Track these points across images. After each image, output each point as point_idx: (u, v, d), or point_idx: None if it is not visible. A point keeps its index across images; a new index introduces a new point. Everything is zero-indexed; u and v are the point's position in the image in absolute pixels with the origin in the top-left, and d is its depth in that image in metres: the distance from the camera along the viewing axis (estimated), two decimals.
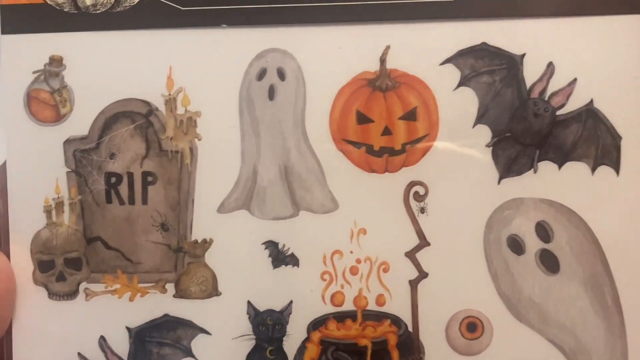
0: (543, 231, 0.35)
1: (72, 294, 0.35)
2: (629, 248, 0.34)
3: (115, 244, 0.35)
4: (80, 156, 0.35)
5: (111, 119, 0.35)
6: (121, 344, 0.35)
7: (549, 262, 0.35)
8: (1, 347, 0.35)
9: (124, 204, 0.35)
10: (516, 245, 0.35)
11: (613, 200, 0.34)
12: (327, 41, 0.35)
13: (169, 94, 0.35)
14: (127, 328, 0.35)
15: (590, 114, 0.35)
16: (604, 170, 0.35)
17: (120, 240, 0.35)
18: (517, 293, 0.35)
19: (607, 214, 0.34)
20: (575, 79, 0.34)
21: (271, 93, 0.35)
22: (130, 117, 0.35)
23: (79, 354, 0.35)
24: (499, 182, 0.35)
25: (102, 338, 0.35)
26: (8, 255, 0.35)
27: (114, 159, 0.35)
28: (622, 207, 0.34)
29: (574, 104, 0.35)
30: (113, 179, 0.35)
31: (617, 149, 0.35)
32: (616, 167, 0.35)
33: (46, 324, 0.35)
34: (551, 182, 0.35)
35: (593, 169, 0.35)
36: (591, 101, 0.34)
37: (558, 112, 0.35)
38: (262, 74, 0.35)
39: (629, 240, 0.34)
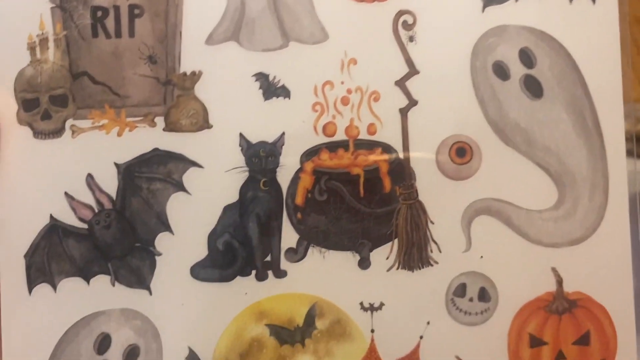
0: (526, 57, 0.36)
1: (57, 132, 0.35)
2: (606, 72, 0.36)
3: (102, 78, 0.35)
4: None
5: None
6: (109, 181, 0.35)
7: (533, 87, 0.36)
8: None
9: (110, 37, 0.34)
10: (501, 71, 0.36)
11: (590, 27, 0.36)
12: None
13: None
14: (115, 164, 0.35)
15: None
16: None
17: (107, 74, 0.35)
18: (503, 118, 0.35)
19: (585, 40, 0.36)
20: None
21: None
22: None
23: (65, 193, 0.34)
24: (483, 10, 0.36)
25: (90, 176, 0.35)
26: None
27: None
28: (598, 33, 0.36)
29: None
30: (99, 13, 0.35)
31: None
32: None
33: (31, 164, 0.34)
34: (532, 10, 0.36)
35: None
36: None
37: None
38: None
39: (606, 65, 0.36)
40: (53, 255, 0.34)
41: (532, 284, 0.36)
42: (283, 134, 0.35)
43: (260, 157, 0.35)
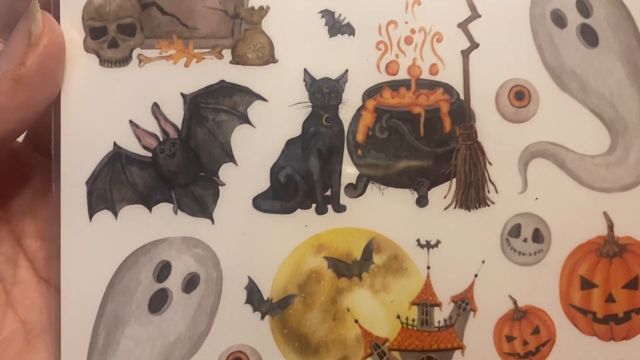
0: (583, 7, 0.37)
1: (124, 61, 0.35)
2: None
3: (171, 9, 0.35)
4: None
5: None
6: (175, 111, 0.35)
7: (589, 36, 0.37)
8: (50, 115, 0.34)
9: None
10: (559, 19, 0.37)
11: None
12: None
13: None
14: (182, 94, 0.35)
15: None
16: None
17: (176, 5, 0.35)
18: (560, 64, 0.36)
19: None
20: None
21: None
22: None
23: (130, 121, 0.35)
24: None
25: (155, 105, 0.35)
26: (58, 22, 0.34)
27: None
28: None
29: None
30: None
31: None
32: None
33: (97, 91, 0.35)
34: None
35: None
36: None
37: None
38: None
39: None
40: (115, 183, 0.35)
41: (584, 227, 0.36)
42: (346, 71, 0.36)
43: (324, 93, 0.35)
